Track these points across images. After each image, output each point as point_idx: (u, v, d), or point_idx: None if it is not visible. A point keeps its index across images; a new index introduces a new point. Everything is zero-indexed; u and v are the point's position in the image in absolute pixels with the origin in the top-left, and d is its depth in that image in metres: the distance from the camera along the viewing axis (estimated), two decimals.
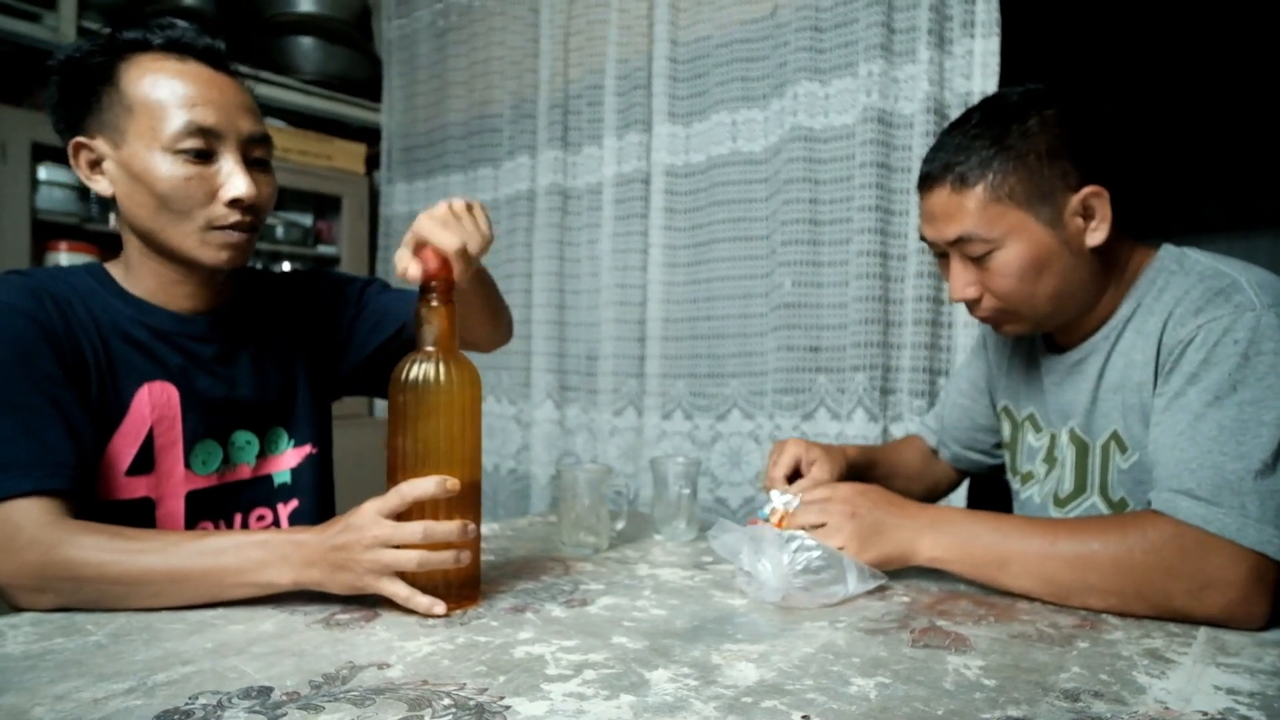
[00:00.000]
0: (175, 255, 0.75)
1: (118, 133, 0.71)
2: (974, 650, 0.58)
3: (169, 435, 0.77)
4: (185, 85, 0.71)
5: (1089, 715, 0.48)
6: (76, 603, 0.63)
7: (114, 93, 0.71)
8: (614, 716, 0.47)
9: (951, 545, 0.72)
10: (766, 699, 0.50)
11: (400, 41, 2.40)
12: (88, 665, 0.53)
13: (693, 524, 0.95)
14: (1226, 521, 0.63)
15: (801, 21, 1.52)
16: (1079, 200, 0.73)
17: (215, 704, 0.47)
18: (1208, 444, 0.65)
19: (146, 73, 0.71)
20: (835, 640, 0.60)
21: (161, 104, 0.70)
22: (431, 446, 0.65)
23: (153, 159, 0.70)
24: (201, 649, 0.56)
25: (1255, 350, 0.66)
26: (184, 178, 0.71)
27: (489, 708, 0.48)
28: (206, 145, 0.71)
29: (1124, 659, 0.57)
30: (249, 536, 0.65)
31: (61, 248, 1.97)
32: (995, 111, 0.76)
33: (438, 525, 0.63)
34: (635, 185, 1.77)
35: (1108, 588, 0.66)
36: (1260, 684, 0.53)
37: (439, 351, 0.66)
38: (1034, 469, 0.89)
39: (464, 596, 0.67)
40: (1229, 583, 0.62)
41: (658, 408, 1.75)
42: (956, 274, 0.78)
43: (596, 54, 1.87)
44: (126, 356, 0.75)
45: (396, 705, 0.48)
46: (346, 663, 0.54)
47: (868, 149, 1.43)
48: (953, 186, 0.75)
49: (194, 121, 0.71)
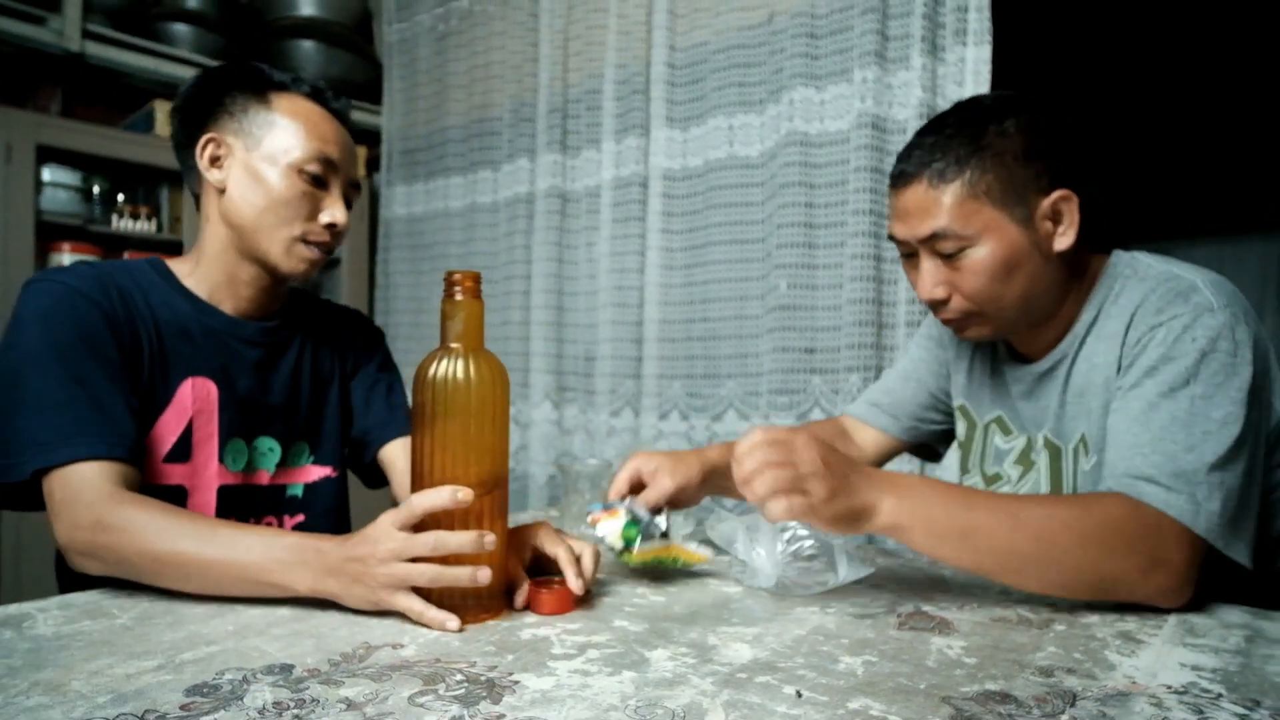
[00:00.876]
0: (257, 255, 0.83)
1: (254, 140, 0.82)
2: (957, 632, 0.62)
3: (206, 429, 0.82)
4: (323, 125, 0.84)
5: (1061, 689, 0.51)
6: (118, 573, 0.66)
7: (263, 110, 0.83)
8: (617, 690, 0.50)
9: (912, 511, 0.65)
10: (760, 675, 0.53)
11: (400, 45, 2.42)
12: (117, 645, 0.56)
13: (689, 518, 0.98)
14: (1184, 507, 0.66)
15: (797, 29, 1.55)
16: (1049, 204, 0.75)
17: (241, 679, 0.50)
18: (1159, 431, 0.68)
19: (297, 105, 0.84)
20: (825, 624, 0.64)
21: (302, 130, 0.82)
22: (457, 447, 0.63)
23: (279, 169, 0.82)
24: (224, 630, 0.59)
25: (1212, 348, 0.69)
26: (300, 193, 0.82)
27: (499, 682, 0.51)
28: (324, 174, 0.83)
29: (1098, 640, 0.60)
30: (279, 536, 0.65)
31: (65, 248, 2.00)
32: (970, 114, 0.78)
33: (450, 536, 0.61)
34: (633, 188, 1.81)
35: (1066, 562, 0.65)
36: (1224, 661, 0.56)
37: (464, 348, 0.64)
38: (1002, 470, 0.90)
39: (485, 609, 0.63)
40: (1175, 564, 0.65)
41: (654, 408, 1.78)
42: (926, 273, 0.78)
43: (595, 59, 1.90)
44: (177, 349, 0.81)
45: (412, 680, 0.51)
46: (362, 643, 0.57)
47: (862, 154, 1.46)
48: (930, 182, 0.76)
49: (324, 153, 0.83)
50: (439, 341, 0.65)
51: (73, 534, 0.66)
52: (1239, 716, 0.47)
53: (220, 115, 0.83)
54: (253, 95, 0.83)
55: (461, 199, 2.23)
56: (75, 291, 0.75)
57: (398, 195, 2.40)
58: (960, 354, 0.96)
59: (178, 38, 2.27)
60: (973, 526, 0.65)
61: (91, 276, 0.77)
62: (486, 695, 0.49)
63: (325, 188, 0.84)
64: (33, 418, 0.69)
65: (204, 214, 0.85)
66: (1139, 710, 0.48)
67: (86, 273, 0.78)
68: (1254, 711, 0.48)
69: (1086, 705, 0.49)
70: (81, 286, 0.75)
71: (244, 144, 0.82)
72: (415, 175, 2.36)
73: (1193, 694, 0.50)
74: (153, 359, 0.79)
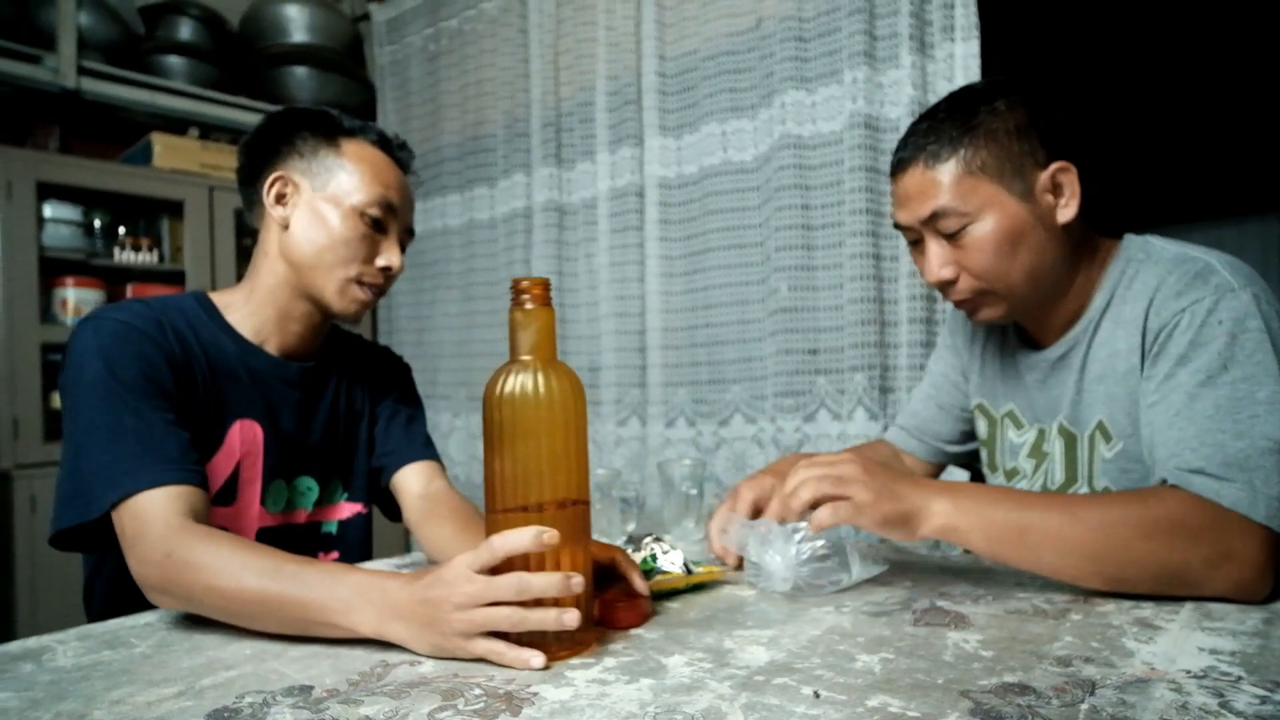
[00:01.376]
0: (312, 292, 0.85)
1: (320, 181, 0.85)
2: (973, 626, 0.61)
3: (251, 471, 0.84)
4: (387, 171, 0.87)
5: (1080, 678, 0.51)
6: (189, 608, 0.65)
7: (332, 154, 0.85)
8: (635, 697, 0.50)
9: (967, 512, 0.66)
10: (777, 677, 0.53)
11: (392, 67, 2.45)
12: (137, 673, 0.56)
13: (701, 523, 0.99)
14: (1240, 496, 0.63)
15: (785, 32, 1.56)
16: (1048, 176, 0.75)
17: (261, 702, 0.50)
18: (1205, 422, 0.66)
19: (365, 150, 0.86)
20: (841, 623, 0.64)
21: (367, 175, 0.85)
22: (534, 468, 0.57)
23: (341, 210, 0.84)
24: (241, 655, 0.59)
25: (1241, 328, 0.68)
26: (360, 235, 0.84)
27: (518, 695, 0.51)
28: (383, 218, 0.85)
29: (1114, 627, 0.60)
30: (345, 573, 0.61)
31: (68, 283, 2.02)
32: (962, 99, 0.78)
33: (534, 579, 0.55)
34: (629, 198, 1.82)
35: (1127, 556, 0.63)
36: (1242, 644, 0.56)
37: (536, 360, 0.59)
38: (1018, 465, 0.89)
39: (574, 641, 0.57)
40: (1245, 556, 0.63)
41: (661, 416, 1.78)
42: (933, 255, 0.78)
43: (586, 71, 1.91)
44: (227, 391, 0.82)
45: (431, 696, 0.51)
46: (380, 661, 0.57)
47: (856, 154, 1.47)
48: (925, 164, 0.76)
49: (385, 198, 0.85)
50: (508, 355, 0.61)
51: (145, 569, 0.65)
52: (1259, 698, 0.47)
53: (289, 155, 0.85)
54: (323, 138, 0.85)
55: (459, 216, 2.24)
56: (134, 329, 0.75)
57: None
58: (973, 354, 0.96)
59: (172, 70, 2.30)
60: (1028, 524, 0.65)
61: (148, 315, 0.78)
62: (506, 708, 0.49)
63: (384, 232, 0.86)
64: (102, 454, 0.69)
65: (262, 248, 0.87)
66: (1159, 696, 0.48)
67: (142, 311, 0.78)
68: (1275, 693, 0.48)
69: (1106, 693, 0.49)
70: (139, 324, 0.76)
71: (310, 184, 0.84)
72: None
73: (1212, 678, 0.50)
74: (205, 400, 0.80)
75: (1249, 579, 0.63)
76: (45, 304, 1.98)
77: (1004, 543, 0.66)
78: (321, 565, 0.63)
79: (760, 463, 1.66)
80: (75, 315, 2.01)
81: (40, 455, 1.90)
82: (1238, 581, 0.63)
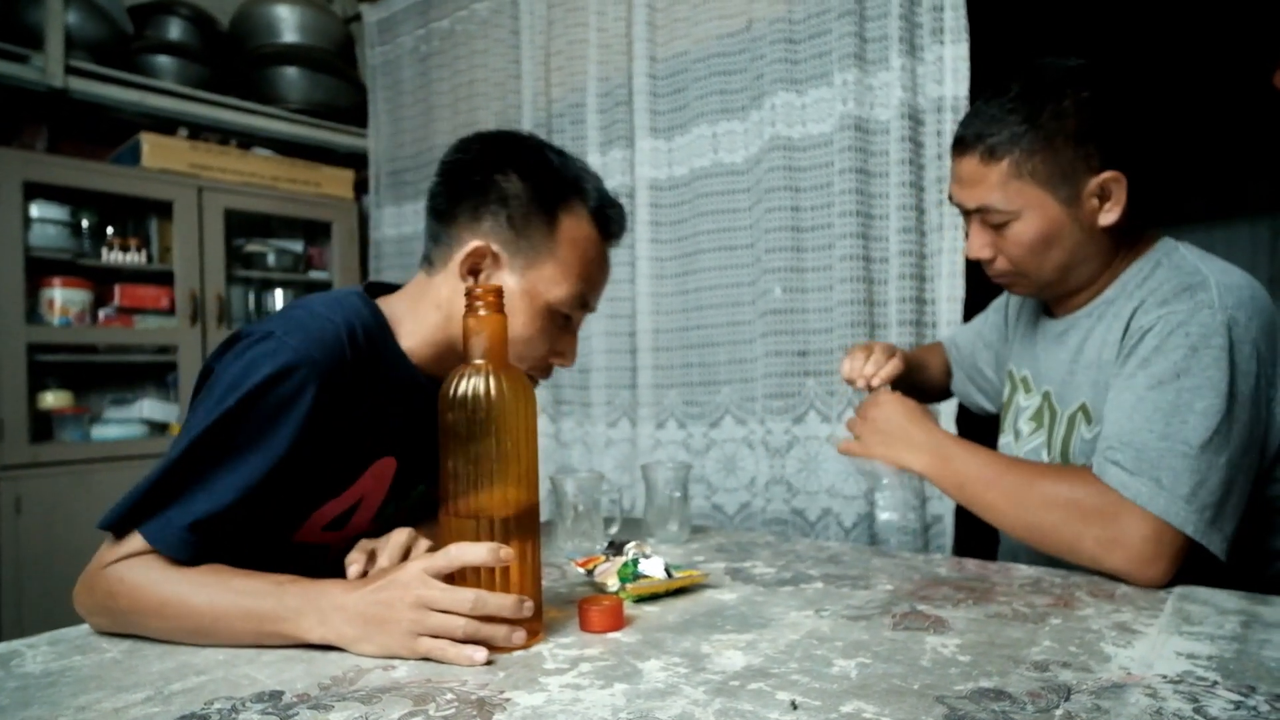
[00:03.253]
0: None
1: (523, 260, 0.74)
2: (952, 630, 0.61)
3: (372, 500, 0.77)
4: (599, 264, 0.77)
5: (1056, 683, 0.51)
6: (127, 627, 0.63)
7: (544, 231, 0.74)
8: (609, 703, 0.50)
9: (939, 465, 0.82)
10: (753, 682, 0.52)
11: (384, 68, 2.44)
12: (105, 679, 0.55)
13: (685, 526, 0.98)
14: (1141, 490, 0.70)
15: (776, 34, 1.56)
16: (1098, 183, 0.77)
17: (230, 708, 0.50)
18: (1141, 421, 0.72)
19: (581, 235, 0.75)
20: (820, 627, 0.63)
21: (574, 268, 0.75)
22: (486, 468, 0.60)
23: (536, 305, 0.74)
24: (214, 660, 0.59)
25: (1205, 344, 0.71)
26: (546, 333, 0.76)
27: (490, 700, 0.50)
28: (573, 315, 0.77)
29: (1093, 632, 0.60)
30: (293, 582, 0.61)
31: (56, 283, 2.01)
32: (1033, 86, 0.78)
33: (491, 598, 0.57)
34: (620, 199, 1.81)
35: (1032, 521, 0.75)
36: (1219, 648, 0.56)
37: (489, 364, 0.61)
38: (1019, 426, 0.94)
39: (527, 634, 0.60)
40: (1133, 544, 0.70)
41: (651, 418, 1.78)
42: (975, 235, 0.83)
43: (578, 73, 1.91)
44: (379, 429, 0.73)
45: (402, 701, 0.50)
46: (353, 666, 0.57)
47: (846, 156, 1.47)
48: (981, 157, 0.79)
49: (586, 299, 0.77)
50: None
51: (83, 593, 0.64)
52: (1234, 703, 0.47)
53: (499, 215, 0.73)
54: (539, 207, 0.73)
55: None
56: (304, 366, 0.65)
57: (386, 216, 2.41)
58: (1016, 315, 1.01)
59: (161, 70, 2.29)
60: (968, 479, 0.80)
61: (334, 340, 0.67)
62: (477, 714, 0.48)
63: (569, 327, 0.78)
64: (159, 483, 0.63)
65: (432, 294, 0.76)
66: (1134, 701, 0.48)
67: (326, 339, 0.67)
68: (1249, 698, 0.48)
69: (1081, 699, 0.48)
70: (316, 357, 0.65)
71: (511, 262, 0.73)
72: (404, 196, 2.37)
73: (1188, 682, 0.50)
74: (356, 434, 0.71)
75: (1134, 565, 0.70)
76: (32, 304, 1.96)
77: (953, 490, 0.81)
78: (268, 576, 0.63)
79: (750, 465, 1.65)
80: (62, 315, 2.00)
81: (26, 456, 1.89)
82: (1124, 565, 0.71)
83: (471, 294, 0.61)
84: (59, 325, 1.99)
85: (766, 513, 1.59)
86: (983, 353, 1.08)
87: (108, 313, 2.11)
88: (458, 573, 0.59)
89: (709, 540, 1.00)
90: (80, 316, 2.03)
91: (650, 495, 0.98)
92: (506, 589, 0.60)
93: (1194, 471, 0.69)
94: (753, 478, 1.64)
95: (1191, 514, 0.69)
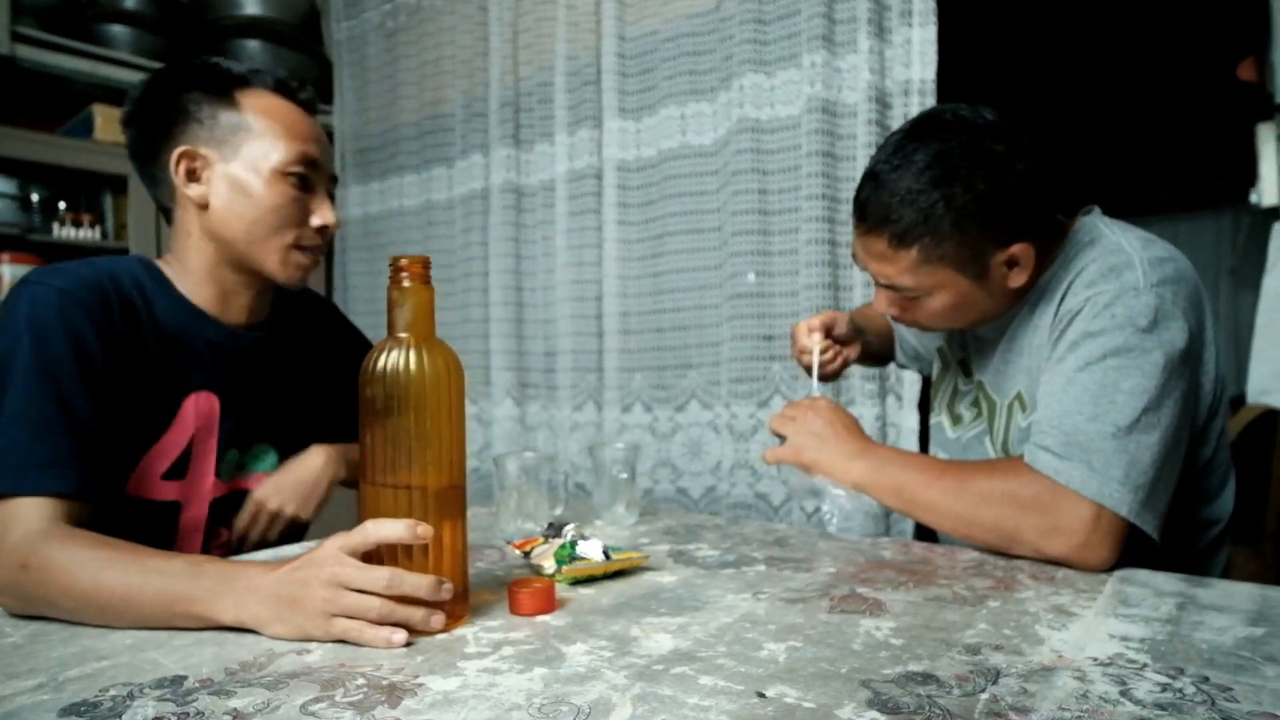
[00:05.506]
0: (250, 267, 0.81)
1: (229, 148, 0.78)
2: (888, 614, 0.60)
3: (205, 444, 0.80)
4: (300, 122, 0.80)
5: (985, 666, 0.50)
6: (40, 611, 0.61)
7: (232, 114, 0.78)
8: (524, 688, 0.48)
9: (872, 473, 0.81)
10: (676, 666, 0.51)
11: (350, 43, 2.38)
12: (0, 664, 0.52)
13: (633, 508, 0.96)
14: (1074, 474, 0.69)
15: (745, 14, 1.54)
16: (1006, 256, 0.77)
17: (125, 695, 0.47)
18: (1070, 404, 0.71)
19: (267, 102, 0.79)
20: (755, 610, 0.62)
21: (279, 132, 0.78)
22: (405, 446, 0.57)
23: (262, 177, 0.77)
24: (120, 645, 0.56)
25: (1131, 324, 0.71)
26: (290, 199, 0.79)
27: (401, 685, 0.48)
28: (308, 175, 0.80)
29: (1030, 614, 0.59)
30: (209, 563, 0.60)
31: (4, 259, 1.94)
32: (941, 161, 0.74)
33: (408, 577, 0.55)
34: (588, 181, 1.78)
35: (972, 518, 0.74)
36: (1153, 630, 0.55)
37: (414, 338, 0.58)
38: (961, 412, 0.94)
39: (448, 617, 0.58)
40: (1072, 529, 0.69)
41: (617, 401, 1.76)
42: (883, 297, 0.84)
43: (546, 51, 1.87)
44: (180, 363, 0.78)
45: (309, 687, 0.48)
46: (266, 650, 0.54)
47: (814, 138, 1.45)
48: (890, 242, 0.77)
49: (306, 153, 0.79)
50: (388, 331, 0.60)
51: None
52: (1160, 686, 0.46)
53: (188, 124, 0.78)
54: (218, 98, 0.78)
55: (416, 197, 2.19)
56: (72, 300, 0.70)
57: (352, 195, 2.36)
58: None
59: (115, 39, 2.21)
60: (903, 485, 0.79)
61: (91, 283, 0.72)
62: (385, 699, 0.46)
63: (310, 189, 0.81)
64: (3, 438, 0.65)
65: (182, 229, 0.81)
66: (1061, 685, 0.47)
67: (85, 277, 0.72)
68: (1176, 680, 0.47)
69: (1008, 682, 0.47)
70: (79, 294, 0.70)
71: (220, 154, 0.78)
72: (369, 175, 2.32)
73: (1117, 665, 0.49)
74: (155, 374, 0.76)
75: (1075, 550, 0.69)
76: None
77: (890, 499, 0.80)
78: (184, 556, 0.61)
79: (715, 449, 1.64)
80: None
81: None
82: (1065, 552, 0.70)
83: (396, 264, 0.59)
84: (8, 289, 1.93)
85: (731, 497, 1.58)
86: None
87: None
88: (380, 553, 0.57)
89: (657, 523, 0.98)
90: None
91: (598, 476, 0.97)
92: (428, 570, 0.57)
93: (1124, 452, 0.69)
94: (718, 462, 1.63)
95: (1126, 495, 0.69)
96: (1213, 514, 0.84)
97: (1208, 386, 0.78)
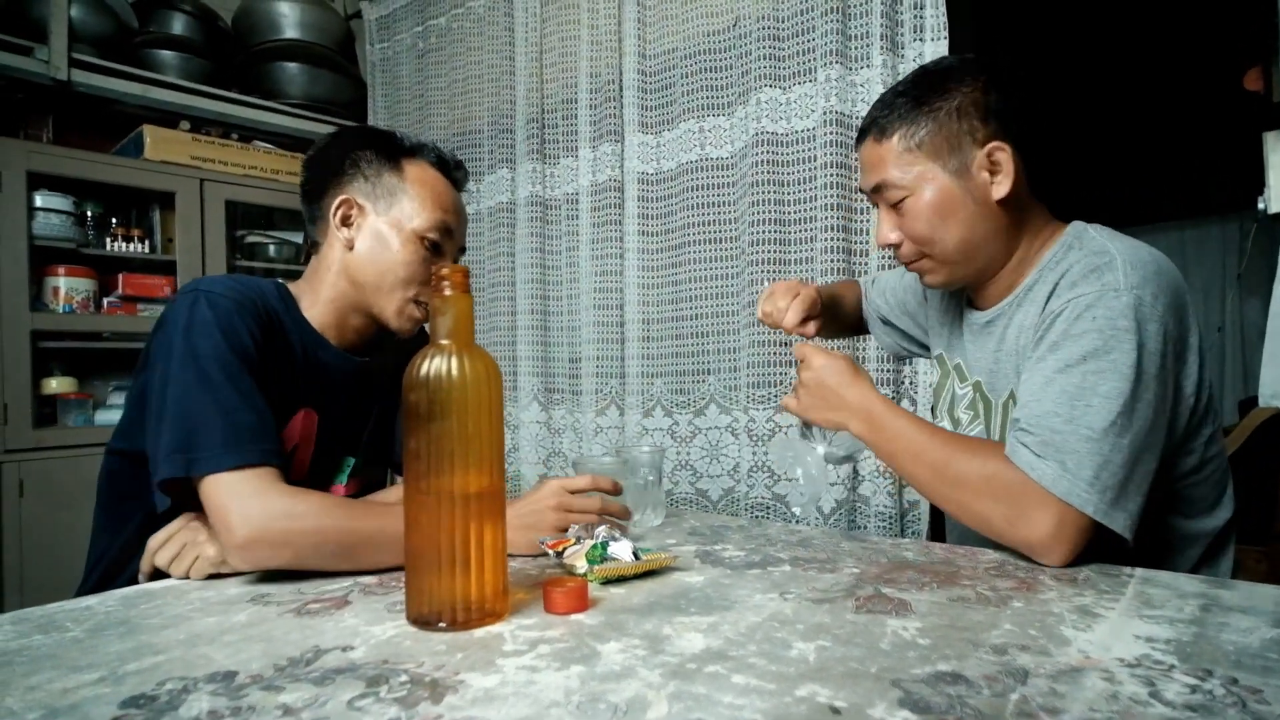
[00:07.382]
0: (372, 311, 0.91)
1: (384, 204, 0.89)
2: (914, 614, 0.61)
3: (302, 455, 0.89)
4: (445, 194, 0.91)
5: (1014, 666, 0.50)
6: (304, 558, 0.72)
7: (394, 177, 0.89)
8: (562, 685, 0.49)
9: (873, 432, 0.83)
10: (709, 664, 0.52)
11: (383, 64, 2.45)
12: (62, 659, 0.55)
13: (659, 510, 0.98)
14: (1046, 472, 0.71)
15: (762, 32, 1.56)
16: (984, 154, 0.79)
17: (181, 688, 0.50)
18: (1049, 404, 0.73)
19: (425, 173, 0.90)
20: (783, 610, 0.63)
21: (427, 199, 0.89)
22: (448, 449, 0.59)
23: (403, 235, 0.88)
24: (174, 640, 0.59)
25: (1111, 326, 0.72)
26: (421, 259, 0.89)
27: (443, 682, 0.50)
28: (441, 241, 0.90)
29: (1054, 615, 0.59)
30: None
31: (60, 272, 2.03)
32: (924, 75, 0.83)
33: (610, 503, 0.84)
34: (610, 193, 1.81)
35: (948, 494, 0.77)
36: (1178, 632, 0.55)
37: (455, 344, 0.61)
38: (959, 415, 0.95)
39: (486, 613, 0.61)
40: (1037, 524, 0.71)
41: (639, 405, 1.78)
42: (881, 220, 0.86)
43: (569, 69, 1.91)
44: (297, 380, 0.87)
45: (355, 683, 0.50)
46: (312, 647, 0.57)
47: (829, 151, 1.47)
48: (874, 138, 0.83)
49: (445, 222, 0.90)
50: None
51: (268, 524, 0.70)
52: (1190, 687, 0.46)
53: (355, 177, 0.89)
54: (386, 161, 0.89)
55: None
56: (245, 306, 0.80)
57: None
58: (933, 306, 1.02)
59: (164, 64, 2.30)
60: (898, 450, 0.80)
61: (246, 297, 0.81)
62: (428, 696, 0.48)
63: (441, 254, 0.90)
64: (219, 419, 0.73)
65: (325, 263, 0.91)
66: (1090, 685, 0.47)
67: (244, 290, 0.81)
68: (1205, 681, 0.47)
69: (1037, 683, 0.48)
70: (246, 303, 0.80)
71: (374, 207, 0.89)
72: None
73: (1145, 666, 0.50)
74: (283, 385, 0.84)
75: (1037, 544, 0.72)
76: (36, 292, 1.98)
77: (886, 458, 0.83)
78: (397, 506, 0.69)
79: (733, 452, 1.66)
80: (66, 304, 2.02)
81: (29, 441, 1.90)
82: (1028, 544, 0.72)
83: (438, 274, 0.62)
84: (63, 313, 2.01)
85: (749, 498, 1.59)
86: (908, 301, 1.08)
87: (111, 301, 2.13)
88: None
89: (683, 524, 1.00)
90: (84, 304, 2.05)
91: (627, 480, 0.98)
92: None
93: (1097, 454, 0.70)
94: (736, 464, 1.65)
95: (1093, 496, 0.70)
96: (1206, 525, 0.83)
97: (1189, 390, 0.78)
